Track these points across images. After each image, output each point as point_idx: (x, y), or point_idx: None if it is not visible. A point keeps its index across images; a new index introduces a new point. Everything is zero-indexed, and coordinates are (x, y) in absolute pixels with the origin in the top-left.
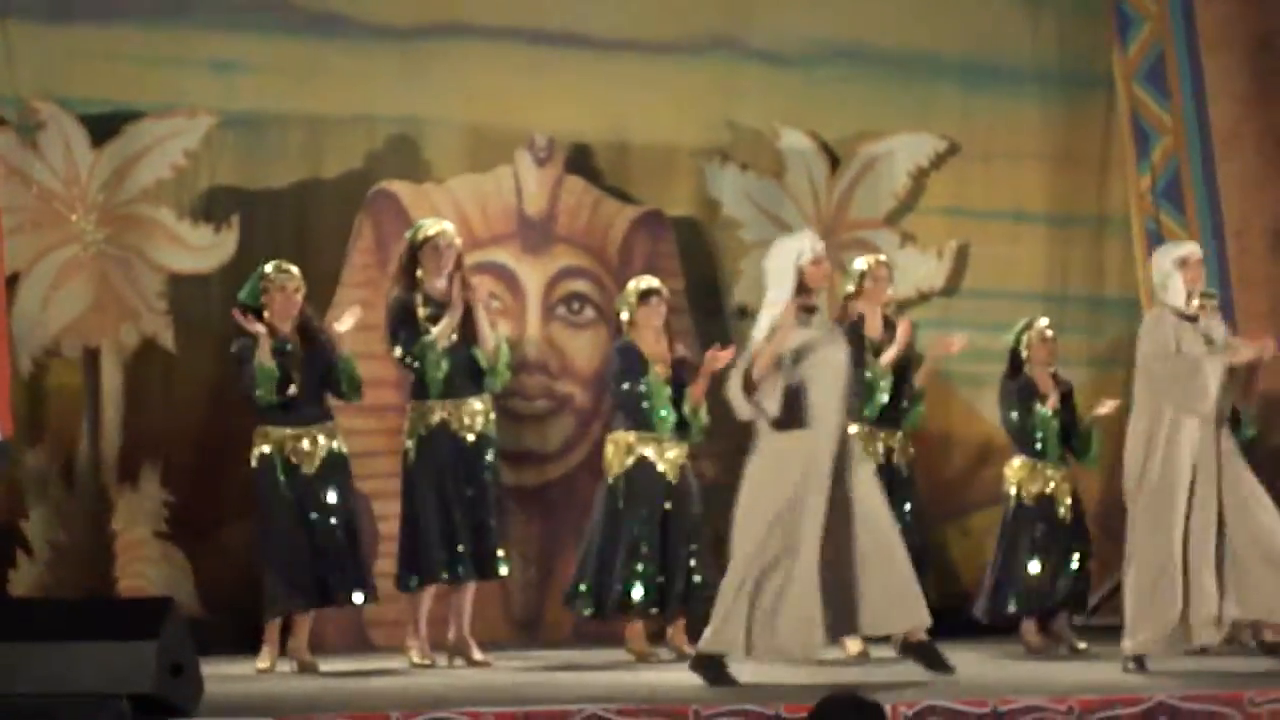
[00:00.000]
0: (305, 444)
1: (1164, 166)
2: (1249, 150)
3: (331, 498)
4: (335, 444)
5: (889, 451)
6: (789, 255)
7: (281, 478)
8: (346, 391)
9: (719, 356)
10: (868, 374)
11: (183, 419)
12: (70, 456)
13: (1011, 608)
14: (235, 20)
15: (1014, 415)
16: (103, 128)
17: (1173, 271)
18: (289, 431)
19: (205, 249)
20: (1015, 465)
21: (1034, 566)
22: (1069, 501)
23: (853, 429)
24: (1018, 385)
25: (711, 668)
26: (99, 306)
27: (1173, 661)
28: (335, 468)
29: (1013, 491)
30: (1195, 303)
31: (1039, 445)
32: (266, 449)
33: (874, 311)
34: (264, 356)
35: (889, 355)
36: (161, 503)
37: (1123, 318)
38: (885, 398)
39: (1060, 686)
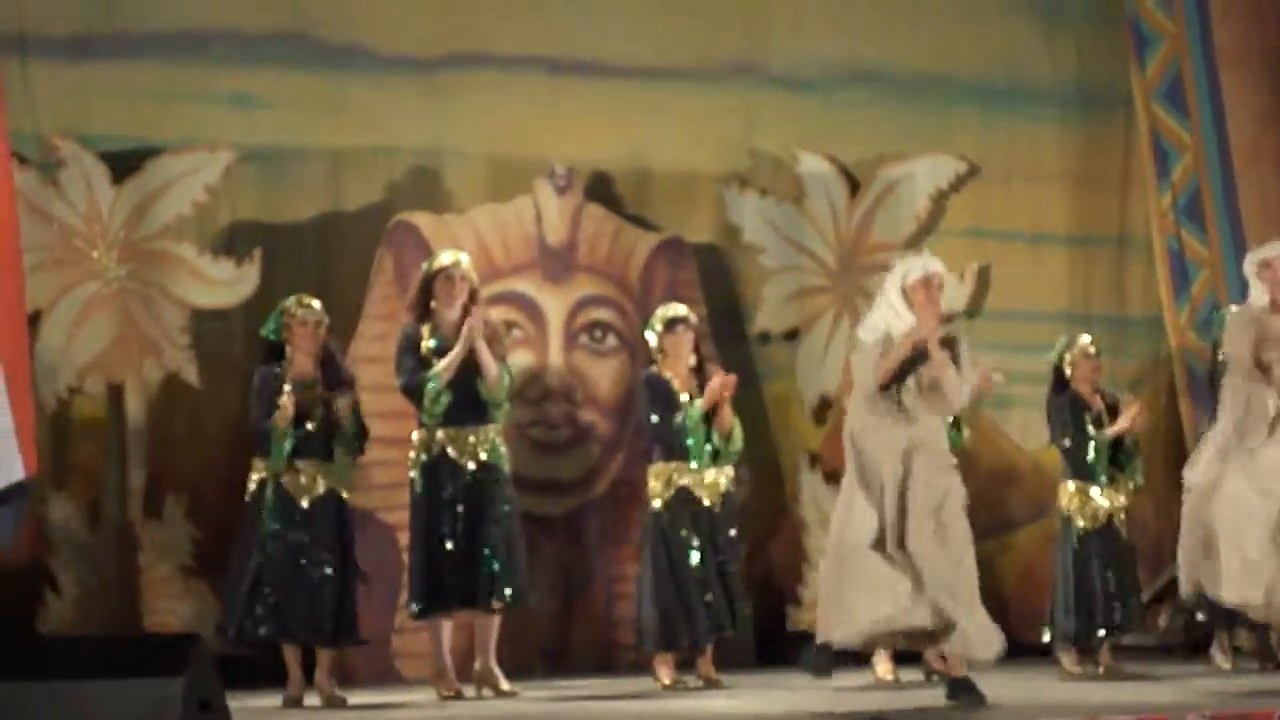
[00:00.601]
0: (305, 480)
1: (1184, 185)
2: (1269, 166)
3: (325, 534)
4: (325, 485)
5: None
6: (897, 275)
7: (274, 506)
8: (347, 448)
9: (727, 383)
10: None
11: (207, 453)
12: (96, 493)
13: (1074, 630)
14: (253, 54)
15: (1065, 433)
16: (123, 164)
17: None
18: (293, 464)
19: (227, 284)
20: (1071, 490)
21: (1098, 591)
22: (1123, 519)
23: None
24: (1067, 401)
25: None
26: (122, 342)
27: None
28: (330, 504)
29: (1071, 517)
30: None
31: (1090, 462)
32: (258, 478)
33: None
34: (283, 430)
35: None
36: (187, 537)
37: (1146, 338)
38: None
39: (1082, 708)
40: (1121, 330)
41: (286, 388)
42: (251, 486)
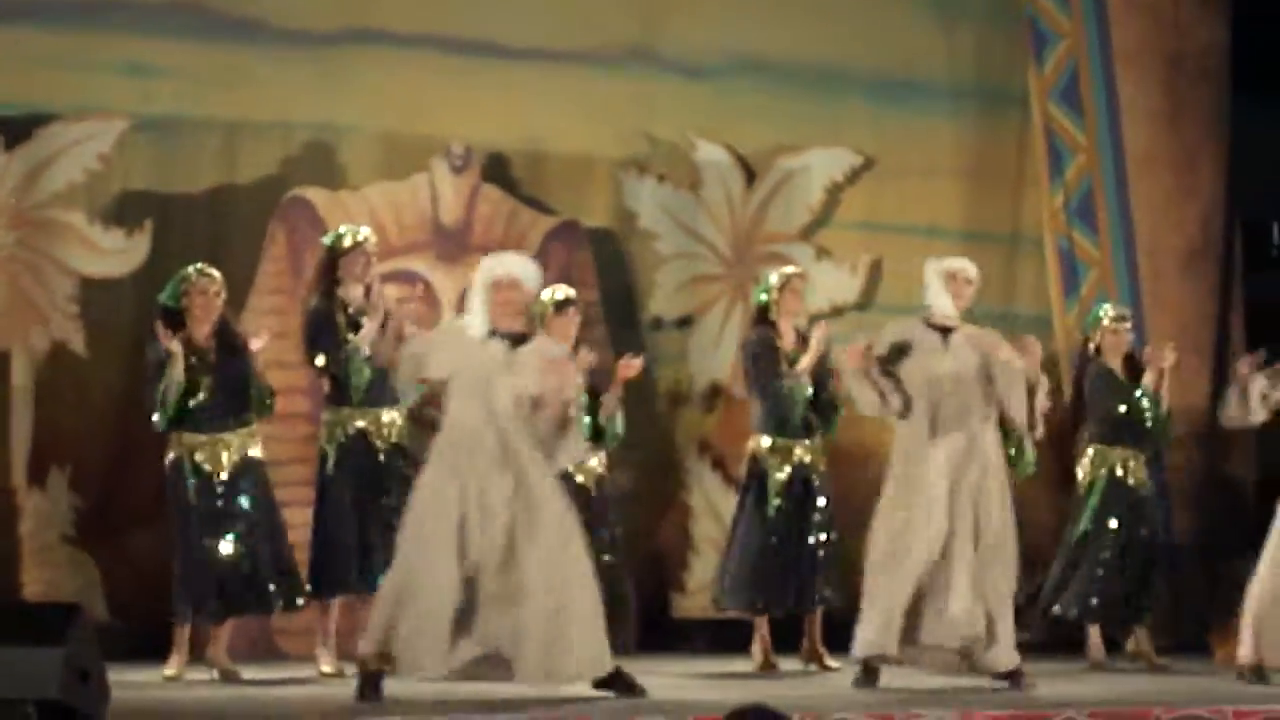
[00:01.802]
0: (219, 451)
1: (1077, 185)
2: (1162, 169)
3: (244, 504)
4: (251, 450)
5: (801, 462)
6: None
7: (191, 482)
8: (258, 409)
9: (631, 365)
10: (783, 385)
11: (92, 423)
12: None
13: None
14: (151, 24)
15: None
16: (14, 131)
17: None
18: (201, 438)
19: (117, 253)
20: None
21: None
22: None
23: (766, 441)
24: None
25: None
26: (9, 310)
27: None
28: (249, 473)
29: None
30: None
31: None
32: (175, 454)
33: (788, 323)
34: (177, 373)
35: (805, 362)
36: (70, 507)
37: (1034, 334)
38: (801, 408)
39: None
40: (1011, 328)
41: (177, 346)
42: (167, 467)
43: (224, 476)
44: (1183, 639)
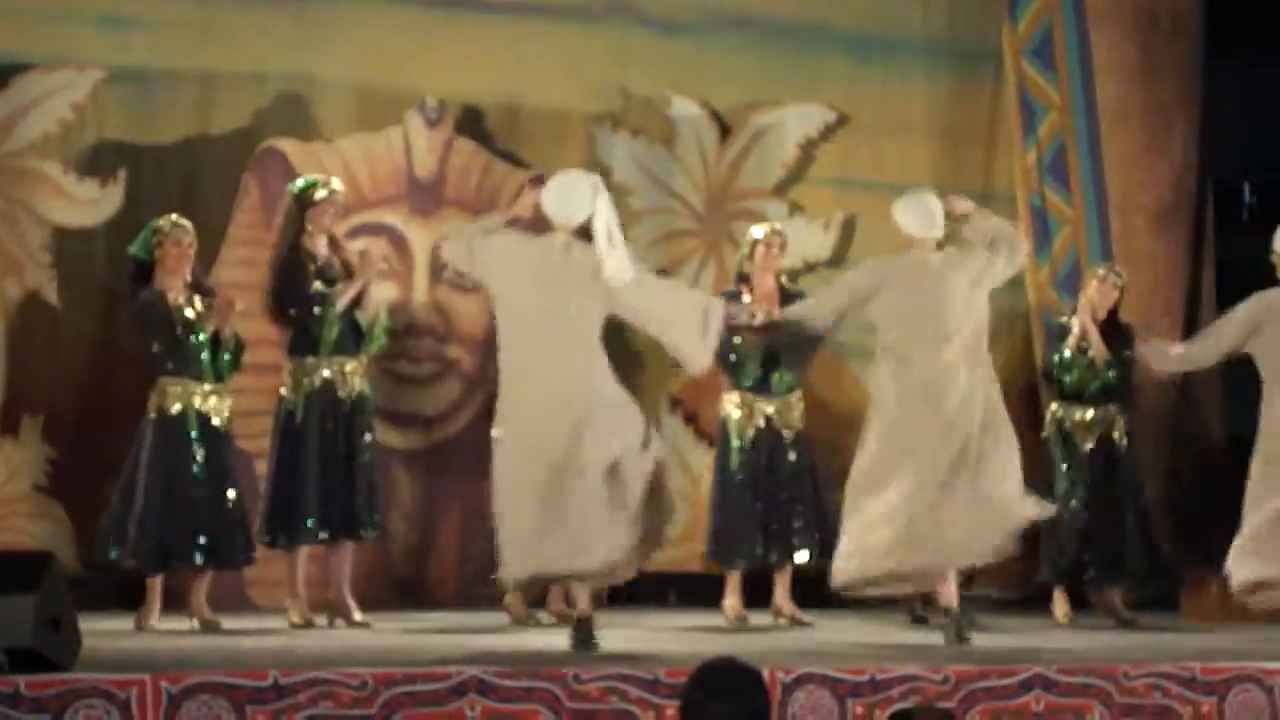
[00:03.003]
0: (218, 402)
1: (1050, 142)
2: (1134, 127)
3: (216, 459)
4: (229, 407)
5: (769, 419)
6: None
7: (194, 433)
8: (228, 367)
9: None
10: (737, 341)
11: (65, 373)
12: None
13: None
14: None
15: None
16: None
17: None
18: (205, 387)
19: (91, 203)
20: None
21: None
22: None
23: (734, 396)
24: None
25: None
26: None
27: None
28: (219, 429)
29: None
30: None
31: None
32: (180, 404)
33: (767, 279)
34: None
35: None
36: (43, 457)
37: (1005, 292)
38: (754, 366)
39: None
40: None
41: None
42: (166, 411)
43: (224, 429)
44: (1153, 596)
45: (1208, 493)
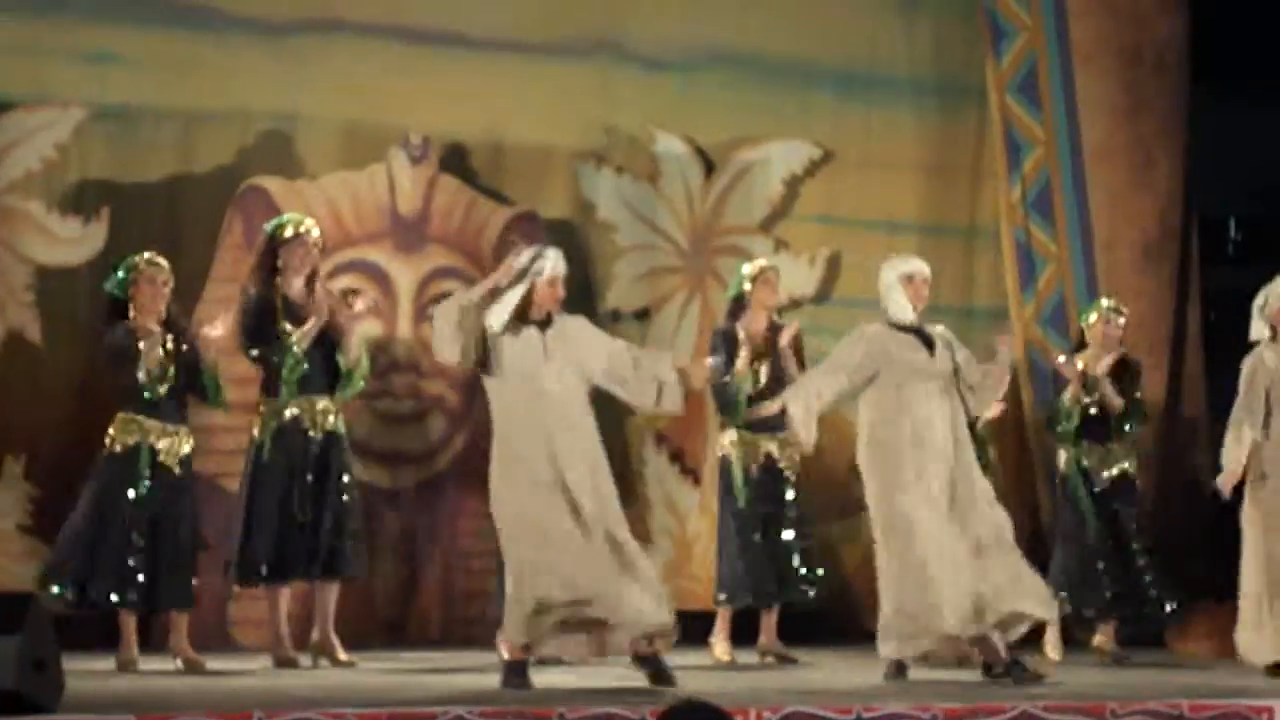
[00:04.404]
0: (173, 443)
1: (1035, 178)
2: (1119, 163)
3: (163, 500)
4: (187, 449)
5: (769, 455)
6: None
7: (146, 471)
8: (213, 400)
9: None
10: (731, 380)
11: (48, 412)
12: None
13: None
14: (109, 12)
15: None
16: None
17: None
18: (162, 426)
19: (74, 242)
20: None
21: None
22: None
23: (731, 434)
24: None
25: None
26: None
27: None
28: (170, 469)
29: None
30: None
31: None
32: (133, 440)
33: (760, 316)
34: (157, 355)
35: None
36: (26, 496)
37: (991, 328)
38: (744, 403)
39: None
40: (968, 320)
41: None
42: (118, 446)
43: (178, 471)
44: (1142, 634)
45: (1193, 524)
